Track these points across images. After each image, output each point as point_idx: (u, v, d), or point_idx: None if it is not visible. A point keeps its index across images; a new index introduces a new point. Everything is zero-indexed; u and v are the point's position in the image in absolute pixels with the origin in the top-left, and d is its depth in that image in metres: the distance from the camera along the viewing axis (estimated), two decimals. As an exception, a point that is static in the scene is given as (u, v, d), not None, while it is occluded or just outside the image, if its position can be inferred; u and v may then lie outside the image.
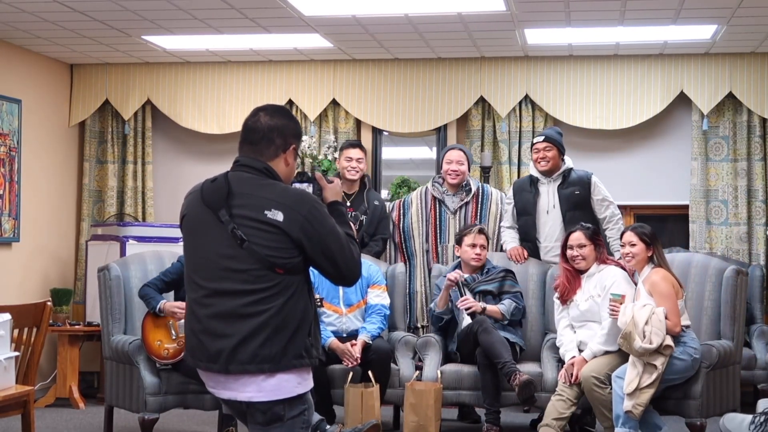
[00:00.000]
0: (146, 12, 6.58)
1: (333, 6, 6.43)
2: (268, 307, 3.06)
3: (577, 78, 7.99)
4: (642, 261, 5.58)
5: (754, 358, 6.90)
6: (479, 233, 6.26)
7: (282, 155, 3.22)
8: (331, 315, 6.13)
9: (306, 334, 3.13)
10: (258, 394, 3.09)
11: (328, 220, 3.14)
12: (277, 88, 8.28)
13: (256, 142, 3.22)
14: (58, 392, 7.55)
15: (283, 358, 3.08)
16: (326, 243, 3.10)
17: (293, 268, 3.09)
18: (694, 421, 5.46)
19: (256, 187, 3.14)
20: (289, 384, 3.10)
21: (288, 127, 3.24)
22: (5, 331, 4.93)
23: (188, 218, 3.24)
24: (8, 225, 7.49)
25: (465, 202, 6.73)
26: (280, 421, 3.11)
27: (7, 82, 7.56)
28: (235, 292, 3.08)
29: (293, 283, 3.10)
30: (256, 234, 3.07)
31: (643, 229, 5.63)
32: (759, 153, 7.78)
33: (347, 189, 6.83)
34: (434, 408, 5.70)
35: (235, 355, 3.07)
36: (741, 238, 7.75)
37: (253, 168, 3.19)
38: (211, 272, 3.13)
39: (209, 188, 3.19)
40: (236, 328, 3.07)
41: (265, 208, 3.08)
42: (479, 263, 6.24)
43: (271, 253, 3.06)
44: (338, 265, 3.13)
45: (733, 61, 7.75)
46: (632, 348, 5.21)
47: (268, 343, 3.06)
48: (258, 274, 3.06)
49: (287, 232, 3.06)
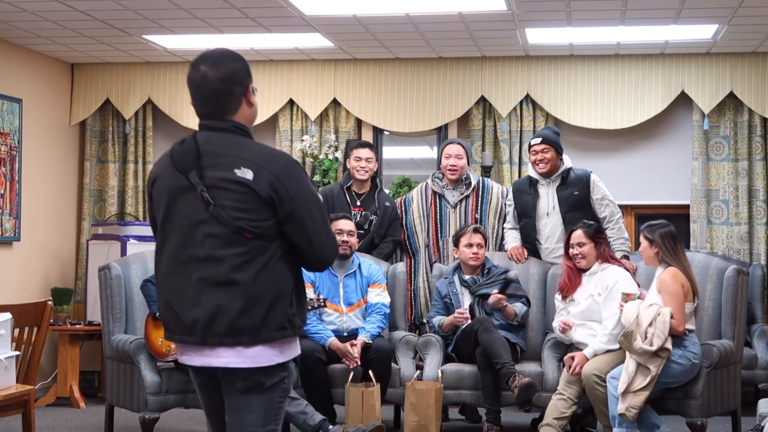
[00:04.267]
0: (147, 11, 6.58)
1: (334, 6, 6.43)
2: (241, 276, 2.91)
3: (578, 78, 7.99)
4: (651, 258, 5.52)
5: (755, 357, 6.90)
6: (475, 232, 6.24)
7: (243, 100, 3.05)
8: (331, 314, 6.13)
9: (287, 305, 2.98)
10: (236, 360, 2.95)
11: (305, 184, 2.98)
12: (278, 88, 8.28)
13: (213, 99, 3.03)
14: (58, 392, 7.55)
15: (263, 330, 2.94)
16: (298, 207, 2.94)
17: (264, 232, 2.92)
18: (695, 421, 5.45)
19: (225, 146, 2.98)
20: (270, 353, 2.97)
21: (239, 70, 3.07)
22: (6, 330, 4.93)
23: (159, 183, 3.09)
24: (9, 224, 7.49)
25: (465, 195, 6.70)
26: (260, 388, 2.99)
27: (7, 81, 7.56)
28: (207, 258, 2.94)
29: (266, 249, 2.93)
30: (225, 195, 2.92)
31: (650, 227, 5.55)
32: (760, 153, 7.78)
33: (358, 189, 6.83)
34: (435, 407, 5.70)
35: (211, 326, 2.94)
36: (742, 238, 7.76)
37: (221, 128, 3.01)
38: (182, 238, 2.98)
39: (178, 151, 3.04)
40: (210, 297, 2.93)
41: (234, 167, 2.92)
42: (477, 262, 6.24)
43: (240, 215, 2.90)
44: (310, 236, 2.96)
45: (734, 61, 7.75)
46: (631, 347, 5.19)
47: (246, 315, 2.92)
48: (228, 239, 2.91)
49: (256, 191, 2.90)
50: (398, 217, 6.89)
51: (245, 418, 3.02)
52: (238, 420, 3.03)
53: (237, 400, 3.02)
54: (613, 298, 5.59)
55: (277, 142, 8.36)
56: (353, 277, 6.21)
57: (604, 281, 5.70)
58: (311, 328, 6.02)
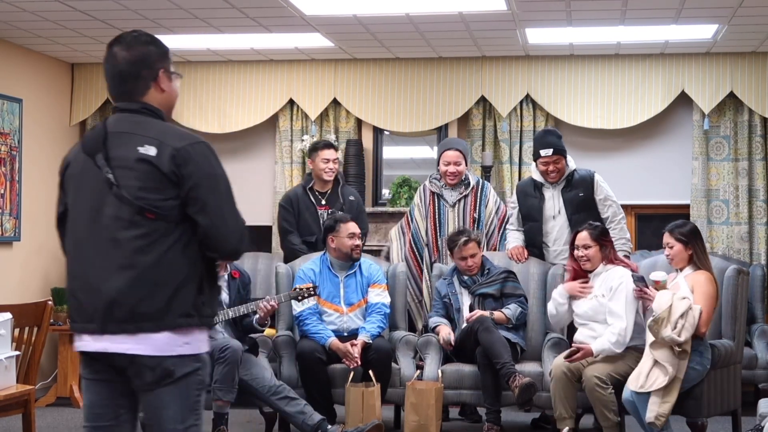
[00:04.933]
0: (147, 11, 6.58)
1: (334, 5, 6.43)
2: (143, 259, 2.83)
3: (578, 77, 7.99)
4: (682, 261, 5.51)
5: (755, 357, 6.90)
6: (465, 244, 6.17)
7: (153, 84, 2.99)
8: (332, 314, 6.13)
9: (195, 291, 2.90)
10: (137, 347, 2.84)
11: (210, 161, 2.91)
12: (278, 88, 8.28)
13: (121, 82, 2.99)
14: (59, 391, 7.55)
15: (167, 316, 2.85)
16: (200, 183, 2.87)
17: (168, 213, 2.85)
18: (695, 421, 5.45)
19: (133, 126, 2.93)
20: (175, 342, 2.87)
21: (149, 54, 2.99)
22: (6, 330, 4.93)
23: (68, 171, 3.06)
24: (9, 224, 7.49)
25: (463, 195, 6.69)
26: (170, 377, 2.88)
27: (7, 81, 7.56)
28: (111, 241, 2.86)
29: (171, 231, 2.86)
30: (129, 174, 2.86)
31: (681, 228, 5.54)
32: (760, 153, 7.78)
33: (321, 188, 6.81)
34: (435, 407, 5.70)
35: (112, 313, 2.85)
36: (742, 238, 7.76)
37: (130, 110, 2.97)
38: (88, 222, 2.93)
39: (88, 135, 3.02)
40: (112, 282, 2.85)
41: (138, 145, 2.86)
42: (473, 272, 6.23)
43: (142, 195, 2.84)
44: (212, 216, 2.88)
45: (734, 61, 7.75)
46: (659, 333, 5.12)
47: (148, 300, 2.83)
48: (131, 220, 2.84)
49: (158, 167, 2.83)
50: (364, 210, 6.95)
51: (161, 415, 2.92)
52: (154, 419, 2.94)
53: (151, 397, 2.92)
54: (618, 299, 5.58)
55: (277, 142, 8.36)
56: (353, 277, 6.22)
57: (608, 282, 5.68)
58: (311, 328, 6.02)
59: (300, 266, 6.33)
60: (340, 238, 6.15)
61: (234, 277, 5.93)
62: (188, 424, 2.95)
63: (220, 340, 5.60)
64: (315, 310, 6.10)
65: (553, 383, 5.54)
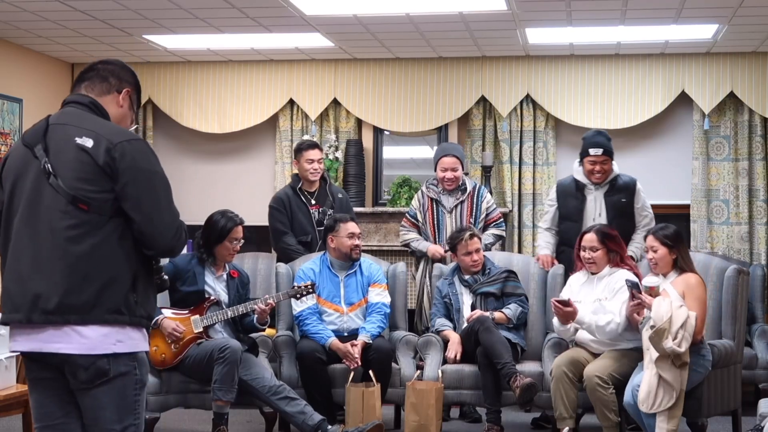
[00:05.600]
0: (147, 11, 6.58)
1: (334, 5, 6.43)
2: (74, 249, 2.83)
3: (579, 77, 7.99)
4: (667, 265, 5.43)
5: (755, 357, 6.89)
6: (471, 238, 6.20)
7: (114, 94, 3.05)
8: (332, 314, 6.13)
9: (127, 289, 2.88)
10: (69, 346, 2.84)
11: (147, 158, 2.91)
12: (278, 88, 8.29)
13: (86, 78, 3.07)
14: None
15: (94, 310, 2.83)
16: (135, 178, 2.86)
17: (101, 205, 2.85)
18: (695, 421, 5.45)
19: (74, 118, 2.96)
20: (107, 340, 2.85)
21: (124, 73, 3.10)
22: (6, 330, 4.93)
23: (8, 162, 3.04)
24: (9, 224, 7.49)
25: (460, 201, 6.71)
26: (105, 376, 2.87)
27: (8, 81, 7.56)
28: (45, 231, 2.87)
29: (104, 224, 2.86)
30: (64, 165, 2.88)
31: (665, 231, 5.45)
32: (760, 152, 7.78)
33: (309, 188, 6.80)
34: (435, 407, 5.69)
35: (38, 303, 2.83)
36: (742, 238, 7.76)
37: (78, 103, 3.01)
38: (26, 212, 2.92)
39: (30, 129, 3.04)
40: (41, 273, 2.84)
41: (76, 135, 2.88)
42: (478, 268, 6.23)
43: (76, 185, 2.85)
44: (145, 211, 2.87)
45: (734, 61, 7.75)
46: (660, 345, 5.04)
47: (76, 292, 2.82)
48: (65, 210, 2.85)
49: (94, 158, 2.84)
50: (351, 207, 6.97)
51: (98, 416, 2.92)
52: (92, 419, 2.94)
53: (87, 398, 2.92)
54: (618, 299, 5.56)
55: (277, 142, 8.36)
56: (354, 277, 6.21)
57: (612, 285, 5.66)
58: (311, 328, 6.02)
59: (300, 266, 6.33)
60: (340, 237, 6.16)
61: (233, 276, 5.92)
62: (126, 424, 2.95)
63: (220, 340, 5.60)
64: (315, 310, 6.10)
65: (554, 383, 5.53)
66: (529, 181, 8.07)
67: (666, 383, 5.07)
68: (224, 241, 5.75)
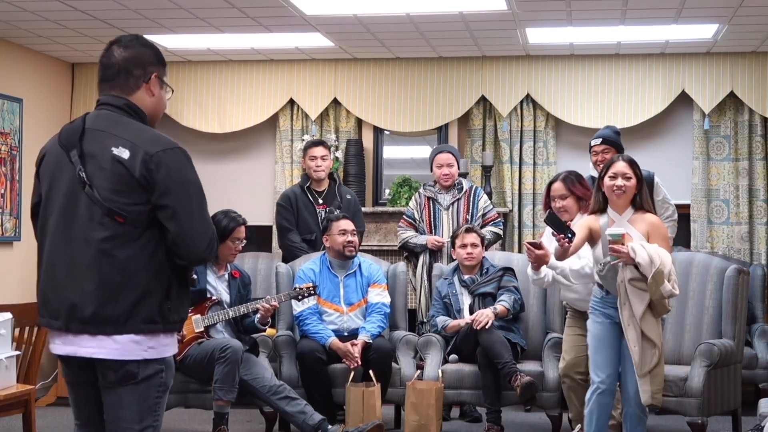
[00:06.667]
0: (148, 11, 6.58)
1: (334, 5, 6.43)
2: (110, 261, 2.84)
3: (579, 77, 7.99)
4: (629, 200, 4.90)
5: (756, 357, 6.90)
6: (467, 232, 6.28)
7: (144, 86, 3.01)
8: (332, 314, 6.14)
9: (162, 298, 2.91)
10: (100, 351, 2.88)
11: (182, 167, 2.90)
12: (279, 87, 8.29)
13: (112, 77, 3.00)
14: (59, 391, 7.55)
15: (129, 321, 2.86)
16: (170, 189, 2.86)
17: (137, 218, 2.86)
18: (695, 420, 5.46)
19: (111, 124, 2.93)
20: (139, 346, 2.89)
21: (144, 55, 3.02)
22: (6, 330, 4.93)
23: (44, 162, 3.06)
24: (9, 224, 7.49)
25: (457, 198, 6.78)
26: (133, 379, 2.91)
27: (8, 81, 7.56)
28: (80, 240, 2.88)
29: (139, 236, 2.87)
30: (100, 175, 2.87)
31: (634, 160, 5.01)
32: (760, 152, 7.78)
33: (317, 187, 6.87)
34: (435, 407, 5.70)
35: (75, 313, 2.87)
36: (742, 238, 7.76)
37: (113, 105, 2.98)
38: (60, 218, 2.93)
39: (66, 129, 3.02)
40: (77, 282, 2.87)
41: (113, 146, 2.86)
42: (473, 262, 6.24)
43: (112, 197, 2.84)
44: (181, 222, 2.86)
45: (734, 61, 7.75)
46: (658, 290, 4.61)
47: (111, 303, 2.85)
48: (100, 221, 2.85)
49: (130, 171, 2.83)
50: (360, 209, 7.02)
51: (119, 414, 2.95)
52: (112, 416, 2.97)
53: (111, 396, 2.95)
54: None
55: (277, 141, 8.36)
56: (353, 277, 6.22)
57: None
58: (311, 327, 6.02)
59: (300, 266, 6.34)
60: (333, 236, 6.18)
61: (234, 276, 5.93)
62: (145, 425, 2.98)
63: (221, 340, 5.61)
64: (315, 309, 6.10)
65: (566, 391, 5.51)
66: (529, 181, 8.07)
67: (648, 341, 4.69)
68: (227, 240, 5.75)
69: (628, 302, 4.69)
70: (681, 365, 5.70)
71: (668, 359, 5.84)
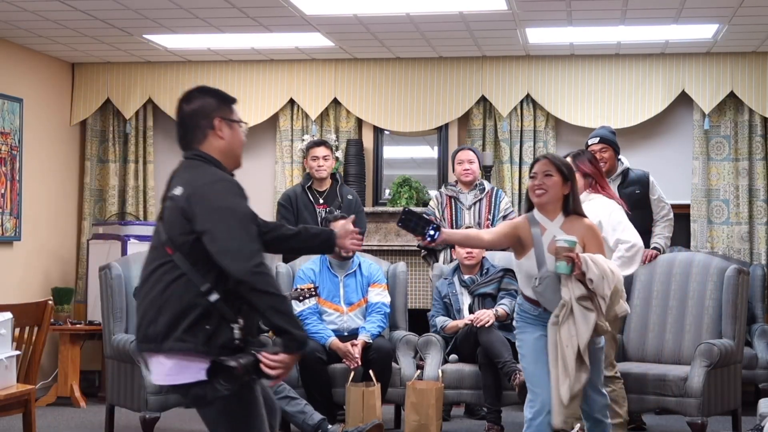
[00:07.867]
0: (148, 11, 6.59)
1: (334, 5, 6.43)
2: (158, 286, 3.11)
3: (579, 77, 7.99)
4: (557, 200, 4.40)
5: (756, 357, 6.90)
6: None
7: (211, 132, 3.22)
8: (332, 314, 6.14)
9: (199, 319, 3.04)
10: (158, 378, 3.12)
11: (226, 198, 3.10)
12: (279, 87, 8.29)
13: (183, 132, 3.27)
14: (59, 391, 7.55)
15: (166, 341, 3.06)
16: (210, 219, 3.05)
17: (181, 246, 3.09)
18: (695, 420, 5.46)
19: (183, 170, 3.23)
20: (190, 370, 3.05)
21: (206, 106, 3.23)
22: (6, 330, 4.93)
23: None
24: (10, 224, 7.49)
25: (479, 199, 6.78)
26: (203, 401, 3.08)
27: (8, 81, 7.56)
28: (145, 266, 3.22)
29: (182, 263, 3.10)
30: (166, 212, 3.17)
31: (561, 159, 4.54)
32: (760, 152, 7.78)
33: (319, 187, 6.90)
34: (435, 407, 5.70)
35: (137, 333, 3.16)
36: (742, 238, 7.76)
37: (188, 157, 3.26)
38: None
39: None
40: (140, 305, 3.18)
41: (175, 186, 3.16)
42: (472, 262, 6.25)
43: (167, 228, 3.13)
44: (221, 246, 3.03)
45: (734, 61, 7.75)
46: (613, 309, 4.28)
47: (153, 324, 3.08)
48: (160, 251, 3.15)
49: (178, 204, 3.10)
50: (362, 210, 7.01)
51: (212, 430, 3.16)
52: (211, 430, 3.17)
53: (202, 416, 3.16)
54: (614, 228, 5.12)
55: (277, 141, 8.36)
56: (353, 277, 6.22)
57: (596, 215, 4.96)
58: (311, 327, 6.03)
59: (300, 266, 6.34)
60: None
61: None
62: None
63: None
64: (315, 309, 6.11)
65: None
66: (530, 181, 8.06)
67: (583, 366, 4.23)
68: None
69: (572, 323, 4.16)
70: (681, 365, 5.70)
71: (668, 359, 5.86)
